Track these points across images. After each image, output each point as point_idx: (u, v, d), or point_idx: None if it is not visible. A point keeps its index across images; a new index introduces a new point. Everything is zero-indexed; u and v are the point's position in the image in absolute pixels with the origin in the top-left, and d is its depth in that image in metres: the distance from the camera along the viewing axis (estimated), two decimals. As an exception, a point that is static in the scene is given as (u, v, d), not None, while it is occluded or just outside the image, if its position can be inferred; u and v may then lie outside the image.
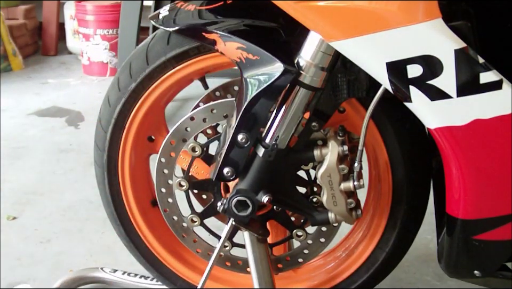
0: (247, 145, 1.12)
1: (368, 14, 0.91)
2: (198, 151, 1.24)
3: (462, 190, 1.01)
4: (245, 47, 1.09)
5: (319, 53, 1.05)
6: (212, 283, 1.41)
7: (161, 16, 1.21)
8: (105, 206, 1.40)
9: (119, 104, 1.27)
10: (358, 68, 1.01)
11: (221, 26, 1.11)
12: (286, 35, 1.11)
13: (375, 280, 1.34)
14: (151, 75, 1.23)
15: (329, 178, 1.14)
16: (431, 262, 1.73)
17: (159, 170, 1.29)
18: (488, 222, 1.02)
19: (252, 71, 1.09)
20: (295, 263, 1.36)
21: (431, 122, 0.96)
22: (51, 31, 4.53)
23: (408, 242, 1.30)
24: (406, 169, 1.21)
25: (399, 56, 0.91)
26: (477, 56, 0.90)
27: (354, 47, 0.95)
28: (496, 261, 1.08)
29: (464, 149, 0.96)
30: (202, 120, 1.23)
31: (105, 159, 1.33)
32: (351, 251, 1.36)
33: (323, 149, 1.14)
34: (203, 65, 1.22)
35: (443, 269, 1.16)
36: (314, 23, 0.98)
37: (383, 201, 1.27)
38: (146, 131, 1.34)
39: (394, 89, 0.95)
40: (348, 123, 1.20)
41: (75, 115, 3.17)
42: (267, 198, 1.16)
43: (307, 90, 1.08)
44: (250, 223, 1.22)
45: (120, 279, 1.61)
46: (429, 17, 0.88)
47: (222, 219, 1.34)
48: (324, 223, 1.24)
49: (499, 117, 0.92)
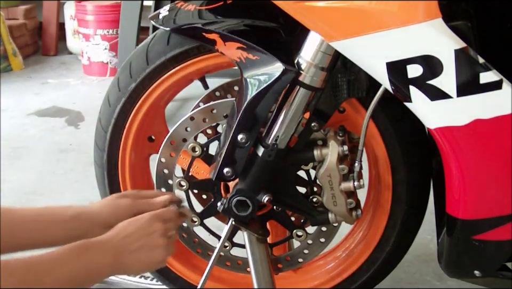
0: (247, 145, 1.12)
1: (368, 14, 0.91)
2: (198, 151, 1.24)
3: (462, 190, 1.01)
4: (245, 47, 1.09)
5: (319, 53, 1.05)
6: (212, 283, 1.41)
7: (161, 16, 1.21)
8: (105, 206, 1.39)
9: (119, 104, 1.27)
10: (358, 68, 1.02)
11: (221, 26, 1.11)
12: (286, 35, 1.11)
13: (375, 280, 1.34)
14: (151, 75, 1.23)
15: (329, 178, 1.14)
16: (431, 262, 1.73)
17: (159, 170, 1.29)
18: (488, 222, 1.02)
19: (252, 71, 1.09)
20: (295, 263, 1.36)
21: (431, 122, 0.96)
22: (51, 31, 4.52)
23: (408, 242, 1.30)
24: (406, 169, 1.20)
25: (399, 56, 0.91)
26: (477, 56, 0.90)
27: (354, 47, 0.95)
28: (496, 261, 1.08)
29: (464, 149, 0.96)
30: (202, 120, 1.23)
31: (105, 159, 1.33)
32: (351, 251, 1.36)
33: (323, 149, 1.14)
34: (203, 65, 1.22)
35: (443, 269, 1.17)
36: (314, 23, 0.98)
37: (383, 201, 1.27)
38: (146, 131, 1.34)
39: (394, 89, 0.95)
40: (348, 123, 1.20)
41: (75, 115, 3.17)
42: (267, 198, 1.16)
43: (307, 90, 1.08)
44: (250, 223, 1.22)
45: (120, 279, 1.61)
46: (429, 17, 0.88)
47: (222, 219, 1.34)
48: (324, 223, 1.24)
49: (499, 117, 0.92)
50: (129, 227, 0.95)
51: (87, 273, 0.88)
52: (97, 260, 0.89)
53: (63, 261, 0.86)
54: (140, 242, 0.94)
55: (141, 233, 0.95)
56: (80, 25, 4.03)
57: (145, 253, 0.94)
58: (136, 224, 0.96)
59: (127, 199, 1.05)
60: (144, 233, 0.95)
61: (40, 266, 0.84)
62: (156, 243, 0.96)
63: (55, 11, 4.52)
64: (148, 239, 0.95)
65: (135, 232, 0.94)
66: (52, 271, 0.84)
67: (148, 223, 0.96)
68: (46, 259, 0.86)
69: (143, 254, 0.94)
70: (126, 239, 0.93)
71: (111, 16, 3.91)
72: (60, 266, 0.85)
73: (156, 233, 0.96)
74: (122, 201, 1.04)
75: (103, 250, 0.90)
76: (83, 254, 0.88)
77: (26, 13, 4.51)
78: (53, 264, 0.85)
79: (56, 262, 0.86)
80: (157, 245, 0.96)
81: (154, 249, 0.95)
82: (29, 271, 0.81)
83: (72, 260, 0.87)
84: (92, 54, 4.00)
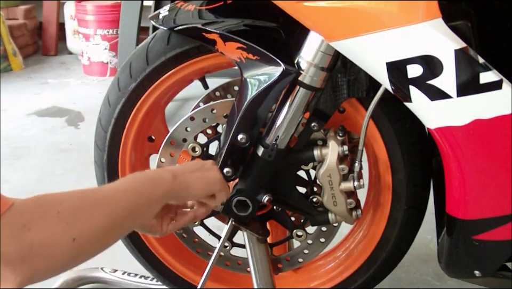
0: (247, 145, 1.12)
1: (368, 14, 0.91)
2: (198, 151, 1.24)
3: (462, 190, 1.01)
4: (245, 47, 1.09)
5: (319, 53, 1.05)
6: (212, 283, 1.41)
7: (161, 16, 1.21)
8: (105, 206, 1.39)
9: (119, 104, 1.27)
10: (358, 68, 1.02)
11: (221, 26, 1.11)
12: (286, 36, 1.11)
13: (375, 280, 1.34)
14: (151, 75, 1.23)
15: (329, 178, 1.14)
16: (431, 262, 1.73)
17: (159, 170, 1.29)
18: (488, 222, 1.02)
19: (252, 71, 1.09)
20: (295, 263, 1.36)
21: (431, 122, 0.96)
22: (51, 31, 4.53)
23: (408, 242, 1.30)
24: (406, 169, 1.20)
25: (399, 56, 0.91)
26: (477, 56, 0.90)
27: (354, 47, 0.95)
28: (496, 261, 1.08)
29: (464, 149, 0.96)
30: (202, 120, 1.23)
31: (105, 159, 1.33)
32: (351, 251, 1.36)
33: (323, 149, 1.14)
34: (203, 65, 1.22)
35: (443, 269, 1.16)
36: (314, 23, 0.98)
37: (383, 201, 1.27)
38: (146, 131, 1.34)
39: (394, 89, 0.95)
40: (348, 123, 1.20)
41: (75, 115, 3.17)
42: (267, 198, 1.16)
43: (307, 90, 1.08)
44: (250, 223, 1.22)
45: (120, 279, 1.61)
46: (429, 17, 0.88)
47: (222, 219, 1.34)
48: (324, 223, 1.24)
49: (499, 117, 0.92)
50: (188, 164, 1.01)
51: (148, 191, 0.86)
52: (158, 176, 0.89)
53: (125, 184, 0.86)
54: (196, 166, 0.99)
55: (197, 164, 1.00)
56: (80, 25, 4.03)
57: (202, 172, 0.98)
58: (195, 163, 1.01)
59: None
60: (201, 163, 1.01)
61: (99, 191, 0.82)
62: (211, 167, 1.00)
63: (55, 11, 4.52)
64: (204, 166, 1.00)
65: (192, 164, 1.00)
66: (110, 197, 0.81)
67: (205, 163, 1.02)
68: (107, 186, 0.85)
69: (200, 173, 0.97)
70: (183, 165, 0.99)
71: (111, 16, 3.92)
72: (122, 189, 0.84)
73: (209, 164, 1.01)
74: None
75: (163, 170, 0.92)
76: (145, 175, 0.89)
77: (26, 13, 4.51)
78: (113, 188, 0.84)
79: (117, 186, 0.85)
80: (212, 168, 1.00)
81: (210, 171, 0.99)
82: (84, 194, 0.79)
83: (134, 181, 0.87)
84: (92, 54, 4.00)
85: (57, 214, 0.72)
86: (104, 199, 0.80)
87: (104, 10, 3.94)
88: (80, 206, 0.76)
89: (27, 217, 0.70)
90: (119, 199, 0.82)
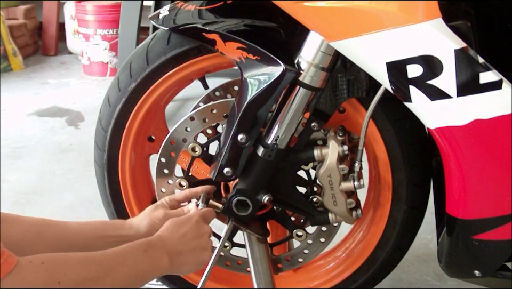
0: (247, 145, 1.12)
1: (368, 14, 0.91)
2: (198, 151, 1.24)
3: (462, 190, 1.01)
4: (245, 47, 1.09)
5: (319, 53, 1.05)
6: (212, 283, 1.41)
7: (161, 16, 1.21)
8: (105, 206, 1.39)
9: (119, 104, 1.27)
10: (358, 68, 1.02)
11: (221, 26, 1.11)
12: (286, 36, 1.11)
13: (375, 280, 1.34)
14: (151, 75, 1.23)
15: (329, 178, 1.14)
16: (431, 262, 1.73)
17: (159, 170, 1.29)
18: (488, 222, 1.02)
19: (252, 71, 1.09)
20: (295, 263, 1.36)
21: (431, 122, 0.96)
22: (51, 31, 4.53)
23: (408, 242, 1.30)
24: (406, 169, 1.20)
25: (399, 56, 0.91)
26: (477, 56, 0.90)
27: (354, 47, 0.95)
28: (496, 261, 1.08)
29: (464, 149, 0.96)
30: (202, 120, 1.23)
31: (105, 159, 1.33)
32: (351, 251, 1.36)
33: (323, 149, 1.14)
34: (203, 65, 1.22)
35: (443, 269, 1.17)
36: (315, 23, 0.98)
37: (383, 201, 1.27)
38: (146, 131, 1.34)
39: (394, 89, 0.95)
40: (348, 123, 1.20)
41: (75, 115, 3.17)
42: (267, 198, 1.16)
43: (307, 90, 1.08)
44: (250, 223, 1.22)
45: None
46: (429, 17, 0.88)
47: (222, 219, 1.34)
48: (324, 223, 1.24)
49: (499, 117, 0.92)
50: (182, 228, 1.00)
51: (146, 273, 0.91)
52: (157, 261, 0.93)
53: (125, 260, 0.88)
54: (193, 243, 1.00)
55: (194, 235, 1.01)
56: (80, 25, 4.03)
57: (197, 253, 1.00)
58: (188, 225, 1.01)
59: (160, 211, 1.10)
60: (197, 234, 1.01)
61: (101, 264, 0.84)
62: (206, 245, 1.02)
63: (55, 11, 4.52)
64: (200, 241, 1.01)
65: (187, 233, 1.00)
66: (113, 270, 0.85)
67: (198, 225, 1.03)
68: (109, 256, 0.87)
69: (194, 255, 1.00)
70: (181, 239, 0.99)
71: (111, 16, 3.92)
72: (121, 266, 0.87)
73: (205, 235, 1.03)
74: (155, 214, 1.10)
75: (162, 251, 0.95)
76: (144, 254, 0.91)
77: (26, 13, 4.51)
78: (114, 263, 0.86)
79: (118, 261, 0.87)
80: (206, 247, 1.02)
81: (204, 251, 1.02)
82: (89, 269, 0.82)
83: (134, 260, 0.89)
84: (92, 54, 4.00)
85: (57, 284, 0.76)
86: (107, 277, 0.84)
87: (104, 10, 3.94)
88: (81, 281, 0.80)
89: (29, 282, 0.74)
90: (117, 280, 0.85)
